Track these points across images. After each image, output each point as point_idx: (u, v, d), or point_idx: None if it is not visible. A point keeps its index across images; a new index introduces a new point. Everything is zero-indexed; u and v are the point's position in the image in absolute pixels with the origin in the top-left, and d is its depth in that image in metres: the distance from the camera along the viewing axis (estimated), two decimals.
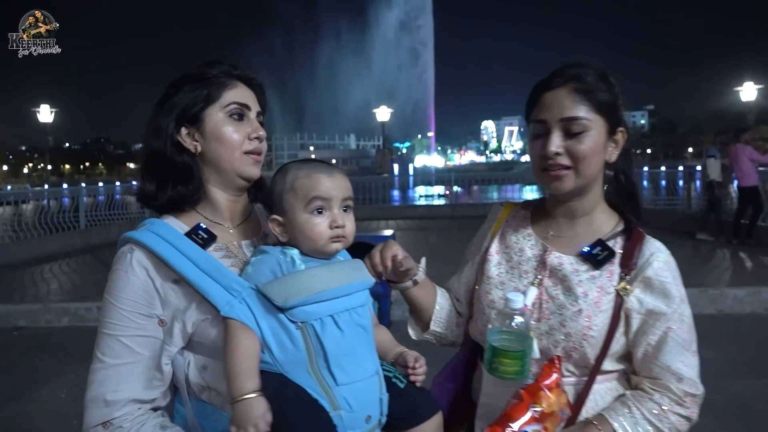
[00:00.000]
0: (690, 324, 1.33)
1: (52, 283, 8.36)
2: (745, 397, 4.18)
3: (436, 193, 24.44)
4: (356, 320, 1.18)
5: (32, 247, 10.90)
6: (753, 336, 5.64)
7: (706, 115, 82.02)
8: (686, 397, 1.29)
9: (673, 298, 1.31)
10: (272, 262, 1.19)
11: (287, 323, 1.13)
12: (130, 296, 1.19)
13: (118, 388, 1.16)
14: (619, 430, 1.25)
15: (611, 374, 1.35)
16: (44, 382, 4.88)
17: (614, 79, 1.36)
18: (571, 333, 1.30)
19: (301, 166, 1.24)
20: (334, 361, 1.12)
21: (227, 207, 1.32)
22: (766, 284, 6.82)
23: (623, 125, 1.37)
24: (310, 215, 1.20)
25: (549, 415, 1.18)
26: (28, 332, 6.48)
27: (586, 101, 1.30)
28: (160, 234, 1.21)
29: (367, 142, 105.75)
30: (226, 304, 1.13)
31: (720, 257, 8.85)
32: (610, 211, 1.43)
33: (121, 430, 1.16)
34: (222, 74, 1.29)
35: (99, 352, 1.20)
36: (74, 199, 13.60)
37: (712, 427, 3.76)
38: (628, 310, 1.31)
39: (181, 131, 1.27)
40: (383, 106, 34.91)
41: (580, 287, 1.32)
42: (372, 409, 1.16)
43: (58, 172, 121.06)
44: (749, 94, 25.66)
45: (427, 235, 12.29)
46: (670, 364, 1.29)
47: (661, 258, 1.33)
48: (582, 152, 1.29)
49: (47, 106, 26.91)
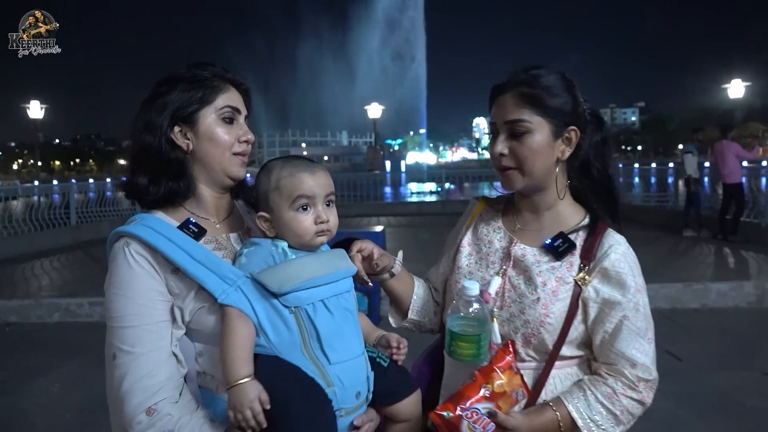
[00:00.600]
0: (645, 313, 1.39)
1: (43, 279, 8.38)
2: (725, 389, 4.29)
3: (428, 190, 24.52)
4: (343, 304, 1.27)
5: (23, 244, 10.90)
6: (735, 329, 5.76)
7: (695, 112, 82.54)
8: (639, 382, 1.35)
9: (628, 288, 1.37)
10: (265, 253, 1.26)
11: (281, 308, 1.20)
12: (143, 286, 1.23)
13: (154, 373, 1.20)
14: (573, 411, 1.32)
15: (571, 360, 1.41)
16: (36, 377, 4.92)
17: (571, 79, 1.42)
18: (529, 320, 1.37)
19: (284, 165, 1.31)
20: (327, 342, 1.20)
21: (213, 203, 1.39)
22: (749, 279, 6.95)
23: (578, 123, 1.42)
24: (296, 212, 1.28)
25: (501, 395, 1.26)
26: (19, 328, 6.51)
27: (529, 105, 1.37)
28: (154, 227, 1.26)
29: (359, 139, 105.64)
30: (222, 292, 1.19)
31: (704, 253, 8.99)
32: (576, 205, 1.50)
33: (170, 419, 1.18)
34: (215, 77, 1.35)
35: (124, 345, 1.21)
36: (65, 196, 13.57)
37: (692, 418, 3.87)
38: (585, 299, 1.38)
39: (174, 129, 1.33)
40: (374, 103, 34.90)
41: (539, 277, 1.40)
42: (361, 386, 1.25)
43: (48, 168, 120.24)
44: (737, 91, 25.85)
45: (417, 232, 12.38)
46: (624, 350, 1.35)
47: (619, 250, 1.39)
48: (523, 153, 1.38)
49: (37, 102, 26.69)
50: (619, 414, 1.34)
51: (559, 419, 1.32)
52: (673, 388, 4.30)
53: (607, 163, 1.49)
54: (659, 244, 9.73)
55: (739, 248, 9.04)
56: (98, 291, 7.61)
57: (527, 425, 1.30)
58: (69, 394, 4.59)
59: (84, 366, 5.15)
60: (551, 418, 1.33)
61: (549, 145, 1.39)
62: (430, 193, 24.13)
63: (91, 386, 4.63)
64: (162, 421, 1.17)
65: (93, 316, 6.56)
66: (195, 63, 1.37)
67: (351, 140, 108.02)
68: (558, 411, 1.33)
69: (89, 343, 5.80)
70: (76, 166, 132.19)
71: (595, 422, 1.32)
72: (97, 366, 4.93)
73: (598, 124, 1.48)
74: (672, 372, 4.66)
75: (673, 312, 6.35)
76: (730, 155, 9.78)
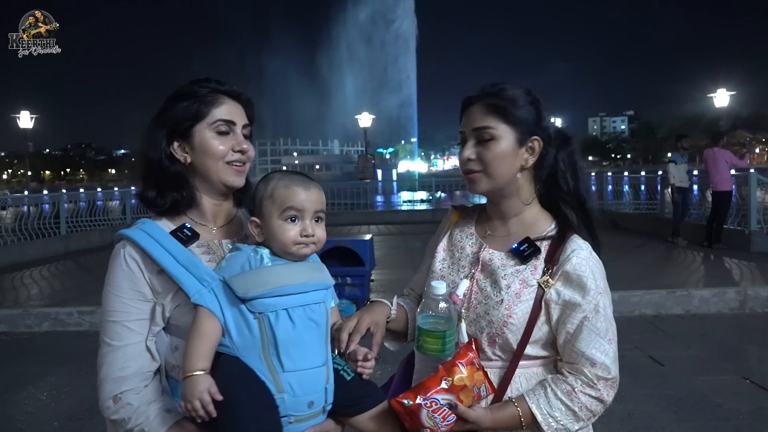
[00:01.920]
0: (606, 314, 1.44)
1: (32, 289, 8.38)
2: (705, 392, 4.38)
3: (419, 199, 24.60)
4: (309, 315, 1.32)
5: (12, 253, 10.87)
6: (717, 335, 5.86)
7: (683, 120, 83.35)
8: (598, 380, 1.40)
9: (588, 290, 1.42)
10: (243, 258, 1.34)
11: (246, 313, 1.27)
12: (128, 286, 1.35)
13: (125, 365, 1.32)
14: (533, 407, 1.38)
15: (537, 360, 1.48)
16: (25, 385, 4.94)
17: (535, 94, 1.51)
18: (493, 320, 1.44)
19: (282, 177, 1.39)
20: (283, 349, 1.26)
21: (211, 210, 1.48)
22: (732, 285, 7.07)
23: (541, 134, 1.50)
24: (284, 222, 1.35)
25: (461, 388, 1.31)
26: (8, 337, 6.51)
27: (495, 114, 1.46)
28: (148, 231, 1.37)
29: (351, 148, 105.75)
30: (196, 292, 1.29)
31: (688, 260, 9.12)
32: (544, 213, 1.57)
33: (130, 407, 1.31)
34: (210, 92, 1.44)
35: (107, 337, 1.35)
36: (55, 205, 13.55)
37: (671, 420, 3.96)
38: (548, 301, 1.44)
39: (173, 144, 1.43)
40: (365, 112, 35.06)
41: (504, 280, 1.47)
42: (315, 396, 1.30)
43: (38, 178, 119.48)
44: (722, 100, 26.20)
45: (407, 239, 12.45)
46: (584, 350, 1.41)
47: (581, 255, 1.45)
48: (488, 157, 1.46)
49: (27, 112, 26.68)
50: (578, 410, 1.39)
51: (520, 415, 1.38)
52: (654, 392, 4.40)
53: (578, 176, 1.55)
54: (645, 251, 9.86)
55: (723, 255, 9.18)
56: (88, 300, 7.62)
57: (489, 419, 1.36)
58: (57, 402, 4.62)
59: (73, 374, 5.17)
60: (512, 413, 1.39)
61: (513, 152, 1.48)
62: (420, 201, 24.23)
63: (80, 394, 4.67)
64: (124, 409, 1.31)
65: (82, 325, 6.58)
66: (196, 79, 1.46)
67: (342, 149, 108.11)
68: (519, 407, 1.39)
69: (78, 351, 5.83)
70: (67, 176, 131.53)
71: (555, 418, 1.38)
72: (86, 374, 4.99)
73: (564, 140, 1.55)
74: (654, 376, 4.76)
75: (657, 318, 6.45)
76: (722, 162, 9.87)
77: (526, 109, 1.48)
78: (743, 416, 3.99)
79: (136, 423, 1.30)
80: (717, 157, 9.92)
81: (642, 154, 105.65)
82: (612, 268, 1.52)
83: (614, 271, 1.65)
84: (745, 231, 9.72)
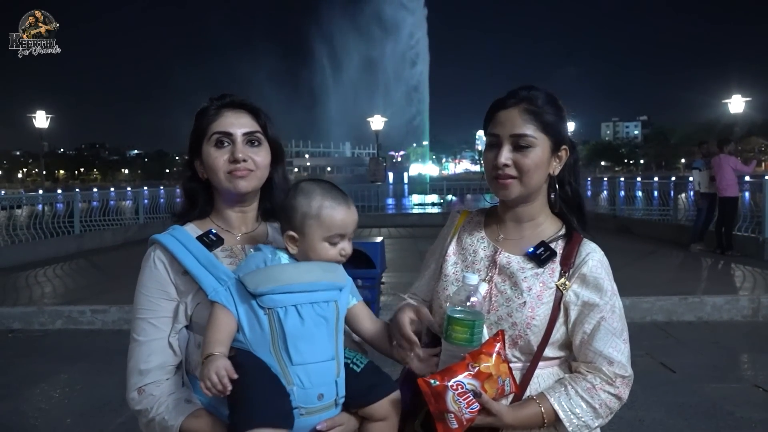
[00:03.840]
0: (620, 314, 1.50)
1: (46, 287, 8.47)
2: (716, 400, 4.35)
3: (430, 202, 24.62)
4: (318, 312, 1.37)
5: (27, 252, 11.01)
6: (729, 342, 5.82)
7: (697, 125, 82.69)
8: (616, 378, 1.45)
9: (605, 291, 1.48)
10: (259, 258, 1.41)
11: (257, 309, 1.33)
12: (155, 285, 1.47)
13: (149, 359, 1.43)
14: (555, 405, 1.42)
15: (553, 360, 1.52)
16: (38, 383, 5.00)
17: (561, 103, 1.54)
18: (516, 322, 1.47)
19: (325, 195, 1.42)
20: (291, 343, 1.32)
21: (234, 218, 1.58)
22: (744, 292, 7.02)
23: (567, 143, 1.55)
24: (327, 244, 1.42)
25: (487, 376, 1.33)
26: (22, 335, 6.59)
27: (533, 121, 1.48)
28: (176, 236, 1.48)
29: (362, 150, 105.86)
30: (213, 290, 1.38)
31: (701, 266, 9.07)
32: (553, 217, 1.61)
33: (152, 398, 1.41)
34: (213, 107, 1.54)
35: (135, 333, 1.46)
36: (69, 205, 13.70)
37: (682, 427, 3.94)
38: (567, 302, 1.49)
39: (195, 162, 1.56)
40: (377, 115, 35.11)
41: (525, 282, 1.50)
42: (325, 389, 1.34)
43: (52, 177, 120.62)
44: (737, 106, 25.99)
45: (417, 242, 12.45)
46: (602, 349, 1.45)
47: (596, 258, 1.51)
48: (527, 165, 1.48)
49: (43, 111, 27.00)
50: (598, 407, 1.43)
51: (542, 412, 1.41)
52: (665, 399, 4.37)
53: (579, 181, 1.63)
54: (657, 258, 9.81)
55: (736, 262, 9.10)
56: (100, 299, 7.71)
57: (511, 415, 1.38)
58: (70, 399, 4.67)
59: (85, 372, 5.23)
60: (535, 411, 1.42)
61: (547, 161, 1.51)
62: (432, 204, 24.25)
63: (92, 392, 4.73)
64: (146, 399, 1.41)
65: (95, 324, 6.66)
66: (212, 97, 1.57)
67: (354, 151, 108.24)
68: (542, 405, 1.42)
69: (90, 349, 5.90)
70: (81, 176, 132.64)
71: (576, 415, 1.42)
72: (98, 372, 5.07)
73: (572, 147, 1.60)
74: (665, 383, 4.73)
75: (669, 324, 6.41)
76: (728, 168, 9.87)
77: (559, 119, 1.52)
78: (755, 425, 3.96)
79: (157, 412, 1.39)
80: (722, 163, 9.91)
81: (655, 160, 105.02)
82: (624, 273, 1.54)
83: (626, 276, 1.67)
84: (759, 238, 9.64)
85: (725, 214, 9.95)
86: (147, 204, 16.29)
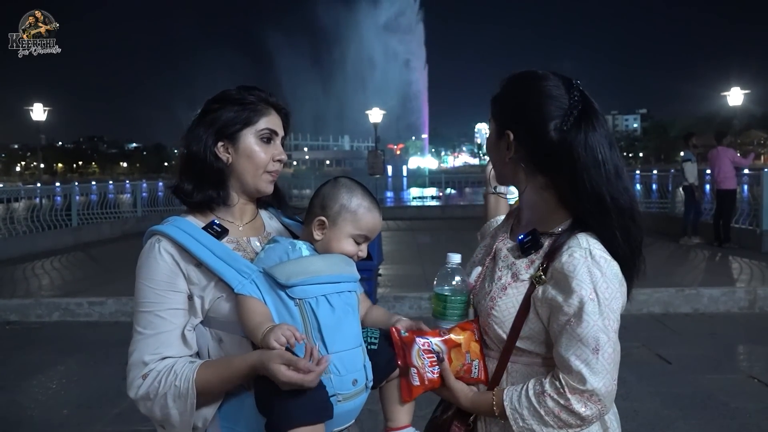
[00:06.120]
0: (592, 322, 1.27)
1: (43, 279, 8.49)
2: (711, 391, 4.36)
3: (429, 195, 24.60)
4: (345, 301, 1.39)
5: (24, 244, 11.00)
6: (725, 334, 5.84)
7: (696, 118, 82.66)
8: (569, 389, 1.27)
9: (571, 292, 1.28)
10: (281, 250, 1.41)
11: (287, 300, 1.33)
12: (162, 277, 1.41)
13: (156, 351, 1.37)
14: (506, 400, 1.34)
15: (533, 356, 1.40)
16: (35, 374, 5.01)
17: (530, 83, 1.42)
18: (481, 311, 1.44)
19: (365, 196, 1.48)
20: (327, 333, 1.32)
21: (239, 209, 1.56)
22: (741, 284, 7.04)
23: (512, 128, 1.41)
24: (352, 241, 1.45)
25: (455, 344, 1.37)
26: (19, 326, 6.60)
27: (492, 105, 1.50)
28: (182, 227, 1.43)
29: (361, 144, 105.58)
30: (239, 283, 1.35)
31: (698, 258, 9.09)
32: (562, 209, 1.43)
33: (156, 373, 1.34)
34: (260, 101, 1.53)
35: (139, 327, 1.40)
36: (67, 197, 13.69)
37: (677, 417, 3.95)
38: (534, 298, 1.35)
39: (218, 144, 1.50)
40: (375, 108, 34.96)
41: (499, 271, 1.43)
42: (357, 374, 1.36)
43: (50, 170, 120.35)
44: (736, 99, 25.92)
45: (416, 235, 12.46)
46: (564, 354, 1.29)
47: (575, 253, 1.31)
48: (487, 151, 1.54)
49: (40, 104, 26.87)
50: (544, 414, 1.29)
51: (494, 404, 1.35)
52: (661, 390, 4.39)
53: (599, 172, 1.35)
54: (654, 250, 9.79)
55: (733, 254, 9.14)
56: (97, 291, 7.73)
57: (468, 398, 1.38)
58: (67, 391, 4.68)
59: (82, 364, 5.24)
60: (488, 400, 1.37)
61: (495, 144, 1.49)
62: (431, 197, 24.23)
63: (89, 383, 4.74)
64: (150, 377, 1.34)
65: (92, 316, 6.67)
66: (244, 86, 1.55)
67: (353, 145, 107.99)
68: (496, 396, 1.36)
69: (87, 341, 5.91)
70: (79, 169, 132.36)
71: (522, 416, 1.32)
72: (95, 364, 5.09)
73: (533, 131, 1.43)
74: (661, 374, 4.75)
75: (666, 316, 6.43)
76: (726, 161, 9.87)
77: (506, 99, 1.47)
78: (750, 415, 3.98)
79: (167, 381, 1.33)
80: (720, 156, 9.90)
81: (654, 153, 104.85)
82: None
83: None
84: (757, 231, 9.66)
85: (723, 206, 9.94)
86: (146, 197, 16.28)
